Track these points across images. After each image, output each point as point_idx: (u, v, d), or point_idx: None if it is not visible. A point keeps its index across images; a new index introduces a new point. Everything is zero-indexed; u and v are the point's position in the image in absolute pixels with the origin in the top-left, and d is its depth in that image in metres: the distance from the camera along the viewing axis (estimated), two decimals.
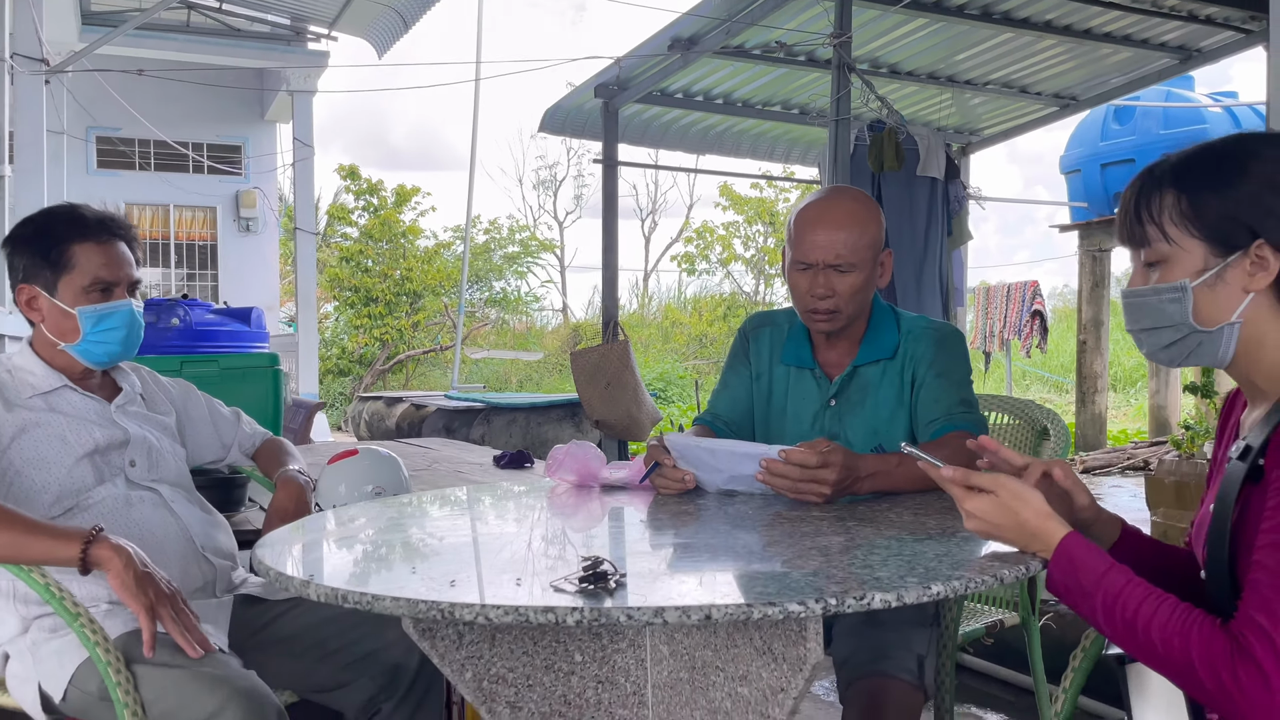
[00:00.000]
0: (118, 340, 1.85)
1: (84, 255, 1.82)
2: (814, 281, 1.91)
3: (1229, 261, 1.16)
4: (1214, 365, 1.23)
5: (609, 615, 1.06)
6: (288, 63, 10.54)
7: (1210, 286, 1.17)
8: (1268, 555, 1.07)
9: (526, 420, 7.91)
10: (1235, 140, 1.20)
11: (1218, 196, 1.16)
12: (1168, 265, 1.19)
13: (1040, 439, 2.36)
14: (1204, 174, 1.18)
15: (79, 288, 1.81)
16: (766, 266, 19.37)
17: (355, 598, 1.14)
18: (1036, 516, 1.21)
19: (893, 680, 1.72)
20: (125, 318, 1.85)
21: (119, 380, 1.96)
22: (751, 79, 6.28)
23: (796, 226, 1.95)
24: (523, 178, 27.81)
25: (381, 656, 1.79)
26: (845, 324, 1.95)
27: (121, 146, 12.33)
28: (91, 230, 1.83)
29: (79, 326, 1.82)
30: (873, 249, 1.92)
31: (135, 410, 1.94)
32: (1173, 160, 1.21)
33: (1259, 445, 1.13)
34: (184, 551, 1.82)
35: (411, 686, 1.81)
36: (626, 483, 1.90)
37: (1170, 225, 1.19)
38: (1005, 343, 8.81)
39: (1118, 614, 1.13)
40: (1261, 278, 1.16)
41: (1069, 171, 8.19)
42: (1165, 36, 5.68)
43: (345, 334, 16.80)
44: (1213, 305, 1.18)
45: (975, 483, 1.25)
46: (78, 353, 1.84)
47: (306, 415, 6.32)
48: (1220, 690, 1.05)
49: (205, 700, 1.50)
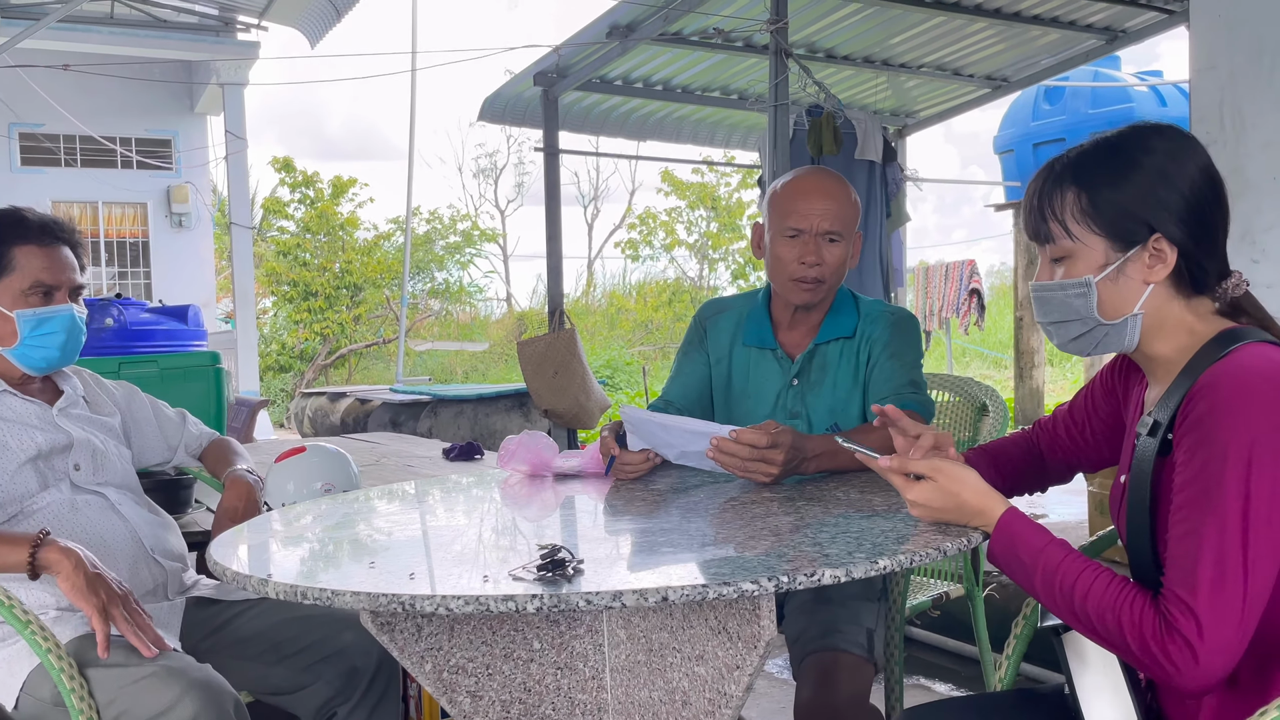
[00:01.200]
0: (56, 345, 1.82)
1: (25, 257, 1.79)
2: (805, 249, 1.94)
3: (1129, 256, 1.22)
4: (1120, 352, 1.30)
5: (568, 601, 1.08)
6: (217, 54, 10.31)
7: (1113, 281, 1.23)
8: (1182, 528, 1.12)
9: (474, 411, 7.87)
10: (1129, 133, 1.25)
11: (1115, 192, 1.21)
12: (1072, 261, 1.24)
13: (980, 414, 2.43)
14: (1100, 170, 1.23)
15: (18, 290, 1.78)
16: (710, 251, 19.44)
17: (315, 593, 1.14)
18: (975, 495, 1.26)
19: (843, 654, 1.76)
20: (65, 322, 1.82)
21: (60, 383, 1.92)
22: (690, 65, 6.30)
23: (787, 196, 1.98)
24: (462, 167, 27.62)
25: (338, 659, 1.79)
26: (824, 296, 2.00)
27: (46, 143, 11.96)
28: (34, 233, 1.80)
29: (16, 330, 1.78)
30: (854, 224, 2.00)
31: (78, 413, 1.91)
32: (1071, 156, 1.26)
33: (1166, 420, 1.19)
34: (133, 554, 1.80)
35: (368, 689, 1.81)
36: (580, 471, 1.92)
37: (1072, 222, 1.24)
38: (944, 321, 8.98)
39: (1056, 587, 1.18)
40: (1160, 270, 1.21)
41: (1002, 152, 8.35)
42: (1092, 18, 5.81)
43: (285, 329, 16.53)
44: (1116, 298, 1.23)
45: (913, 469, 1.30)
46: (14, 357, 1.81)
47: (249, 413, 6.23)
48: (1153, 662, 1.11)
49: (161, 694, 1.49)
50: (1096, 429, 1.44)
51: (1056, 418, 1.50)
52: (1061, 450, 1.49)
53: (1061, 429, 1.49)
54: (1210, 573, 1.08)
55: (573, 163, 20.49)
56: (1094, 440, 1.45)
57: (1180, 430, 1.17)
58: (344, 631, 1.80)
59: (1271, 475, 1.09)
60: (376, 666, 1.81)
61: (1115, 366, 1.42)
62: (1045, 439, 1.51)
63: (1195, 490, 1.12)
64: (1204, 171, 1.22)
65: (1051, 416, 1.51)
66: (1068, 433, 1.48)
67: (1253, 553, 1.08)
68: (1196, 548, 1.10)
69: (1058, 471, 1.52)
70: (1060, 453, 1.50)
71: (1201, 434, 1.13)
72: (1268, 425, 1.10)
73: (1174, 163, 1.21)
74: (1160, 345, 1.25)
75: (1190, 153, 1.22)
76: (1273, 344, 1.19)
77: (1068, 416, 1.48)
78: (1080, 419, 1.46)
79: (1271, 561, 1.09)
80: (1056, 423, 1.50)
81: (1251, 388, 1.12)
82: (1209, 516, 1.10)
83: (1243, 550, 1.08)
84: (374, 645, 1.80)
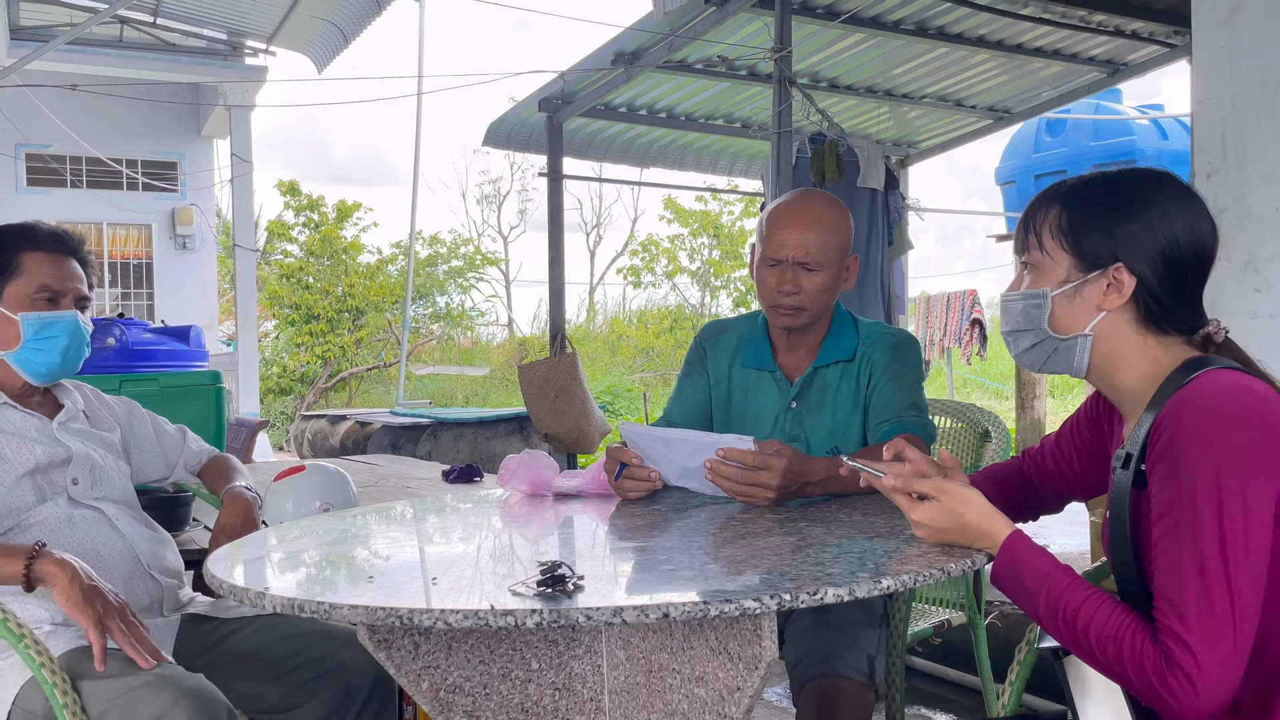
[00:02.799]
0: (58, 350, 1.81)
1: (32, 263, 1.80)
2: (782, 278, 1.95)
3: (1088, 278, 1.25)
4: (1071, 373, 1.31)
5: (568, 616, 1.07)
6: (225, 78, 10.39)
7: (1068, 298, 1.26)
8: (1164, 559, 1.12)
9: (474, 435, 7.85)
10: (1129, 170, 1.29)
11: (1091, 217, 1.25)
12: (1037, 272, 1.29)
13: (983, 441, 2.42)
14: (1091, 198, 1.27)
15: (24, 295, 1.79)
16: (712, 279, 19.49)
17: (312, 606, 1.13)
18: (980, 516, 1.26)
19: (844, 680, 1.74)
20: (69, 328, 1.82)
21: (60, 397, 1.92)
22: (694, 93, 6.34)
23: (768, 224, 1.99)
24: (466, 192, 27.76)
25: (333, 677, 1.77)
26: (808, 322, 1.99)
27: (53, 164, 12.03)
28: (43, 242, 1.82)
29: (20, 333, 1.78)
30: (840, 251, 1.97)
31: (78, 427, 1.90)
32: (1071, 182, 1.31)
33: (1137, 452, 1.20)
34: (129, 570, 1.79)
35: (363, 707, 1.79)
36: (580, 491, 1.91)
37: (1047, 236, 1.28)
38: (946, 350, 8.97)
39: (1059, 613, 1.17)
40: (1114, 298, 1.24)
41: (1004, 183, 8.37)
42: (1093, 51, 5.86)
43: (286, 352, 16.54)
44: (1068, 315, 1.27)
45: (917, 489, 1.29)
46: (16, 362, 1.80)
47: (249, 434, 6.21)
48: (1154, 694, 1.11)
49: (153, 702, 1.48)
50: (1084, 460, 1.45)
51: (1044, 448, 1.51)
52: (1050, 480, 1.50)
53: (1049, 460, 1.49)
54: (1196, 603, 1.08)
55: (576, 189, 20.63)
56: (1081, 471, 1.46)
57: (1150, 460, 1.18)
58: (340, 649, 1.78)
59: (1241, 496, 1.09)
60: (372, 685, 1.79)
61: (1098, 399, 1.42)
62: (1034, 469, 1.52)
63: (1170, 520, 1.13)
64: (1191, 229, 1.24)
65: (1039, 446, 1.52)
66: (1054, 463, 1.49)
67: (1235, 576, 1.08)
68: (1179, 579, 1.10)
69: (1049, 500, 1.53)
70: (1049, 482, 1.50)
71: (1169, 463, 1.14)
72: (1231, 448, 1.11)
73: (1158, 209, 1.24)
74: (1122, 376, 1.27)
75: (1184, 206, 1.25)
76: (1235, 369, 1.19)
77: (1054, 447, 1.49)
78: (1066, 450, 1.47)
79: (1255, 580, 1.09)
80: (1044, 453, 1.50)
81: (1212, 412, 1.13)
82: (1186, 545, 1.10)
83: (1225, 576, 1.08)
84: (370, 664, 1.78)
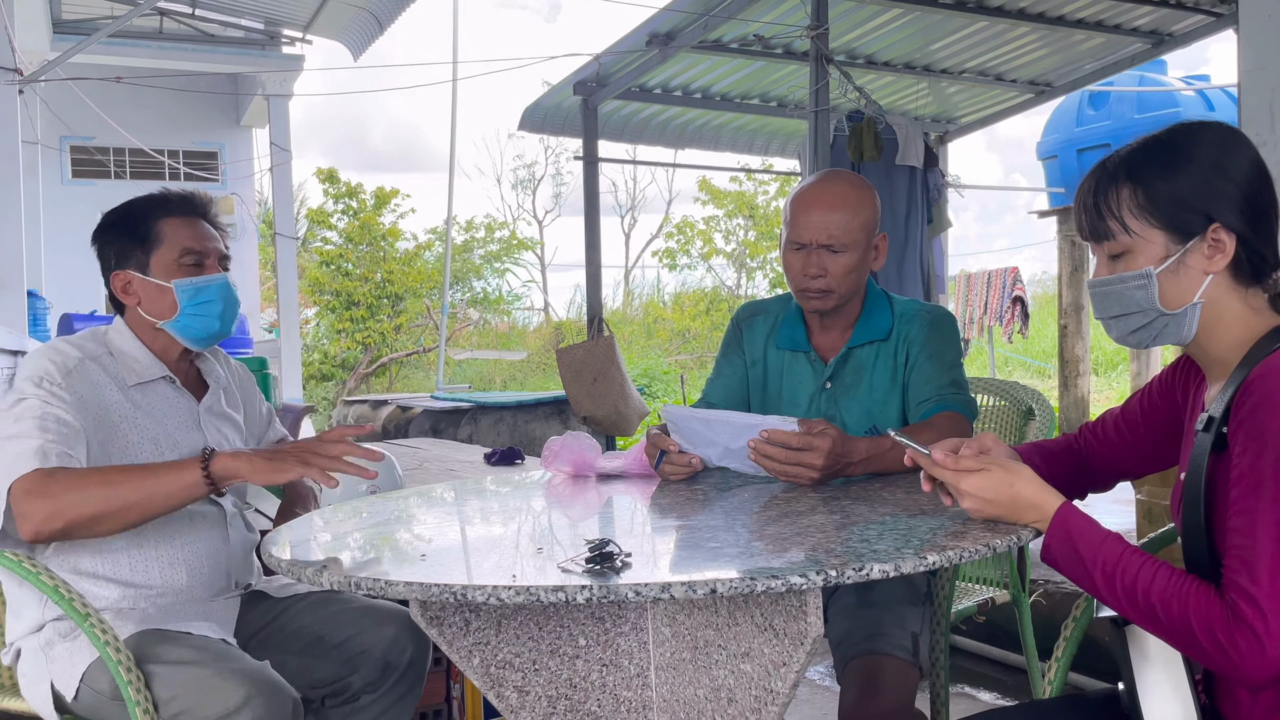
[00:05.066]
0: (215, 314, 1.84)
1: (170, 229, 1.83)
2: (807, 261, 1.94)
3: (1188, 247, 1.23)
4: (1178, 344, 1.30)
5: (617, 592, 1.09)
6: (263, 67, 10.48)
7: (1173, 272, 1.24)
8: (1241, 520, 1.12)
9: (514, 418, 7.92)
10: (1177, 129, 1.27)
11: (1170, 185, 1.23)
12: (1131, 255, 1.26)
13: (1026, 419, 2.40)
14: (1154, 165, 1.25)
15: (170, 261, 1.82)
16: (747, 260, 19.42)
17: (368, 583, 1.16)
18: (1031, 488, 1.26)
19: (888, 658, 1.75)
20: (221, 290, 1.85)
21: (205, 372, 1.95)
22: (729, 73, 6.31)
23: (792, 208, 1.98)
24: (501, 177, 27.84)
25: (375, 653, 1.81)
26: (837, 304, 1.98)
27: (96, 155, 12.23)
28: (175, 206, 1.85)
29: (176, 301, 1.81)
30: (866, 231, 1.96)
31: (218, 410, 1.93)
32: (1123, 154, 1.28)
33: (1220, 415, 1.19)
34: (212, 574, 1.84)
35: (395, 684, 1.83)
36: (623, 471, 1.93)
37: (1130, 218, 1.25)
38: (987, 329, 8.89)
39: (1118, 581, 1.17)
40: (1219, 259, 1.22)
41: (1046, 158, 8.26)
42: (1137, 21, 5.74)
43: (327, 339, 16.73)
44: (1176, 289, 1.24)
45: (966, 465, 1.29)
46: (176, 329, 1.83)
47: (295, 419, 6.31)
48: (1220, 653, 1.10)
49: (229, 695, 1.51)
50: (1150, 430, 1.44)
51: (1106, 420, 1.49)
52: (1111, 452, 1.48)
53: (1112, 430, 1.48)
54: (1270, 563, 1.08)
55: (611, 172, 20.62)
56: (1146, 441, 1.44)
57: (1234, 424, 1.17)
58: (384, 625, 1.83)
59: None
60: (409, 662, 1.83)
61: (1177, 367, 1.41)
62: (1094, 442, 1.50)
63: (1250, 483, 1.12)
64: (1254, 163, 1.24)
65: (1100, 419, 1.50)
66: (1118, 433, 1.47)
67: None
68: (1254, 539, 1.10)
69: (1103, 476, 1.51)
70: (1109, 455, 1.49)
71: (1254, 427, 1.13)
72: None
73: (1225, 154, 1.23)
74: (1218, 338, 1.25)
75: (1239, 145, 1.25)
76: None
77: (1119, 418, 1.48)
78: (1134, 419, 1.45)
79: None
80: (1106, 425, 1.49)
81: None
82: (1265, 507, 1.10)
83: None
84: (409, 641, 1.83)
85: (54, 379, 1.69)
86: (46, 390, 1.67)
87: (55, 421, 1.63)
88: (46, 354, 1.73)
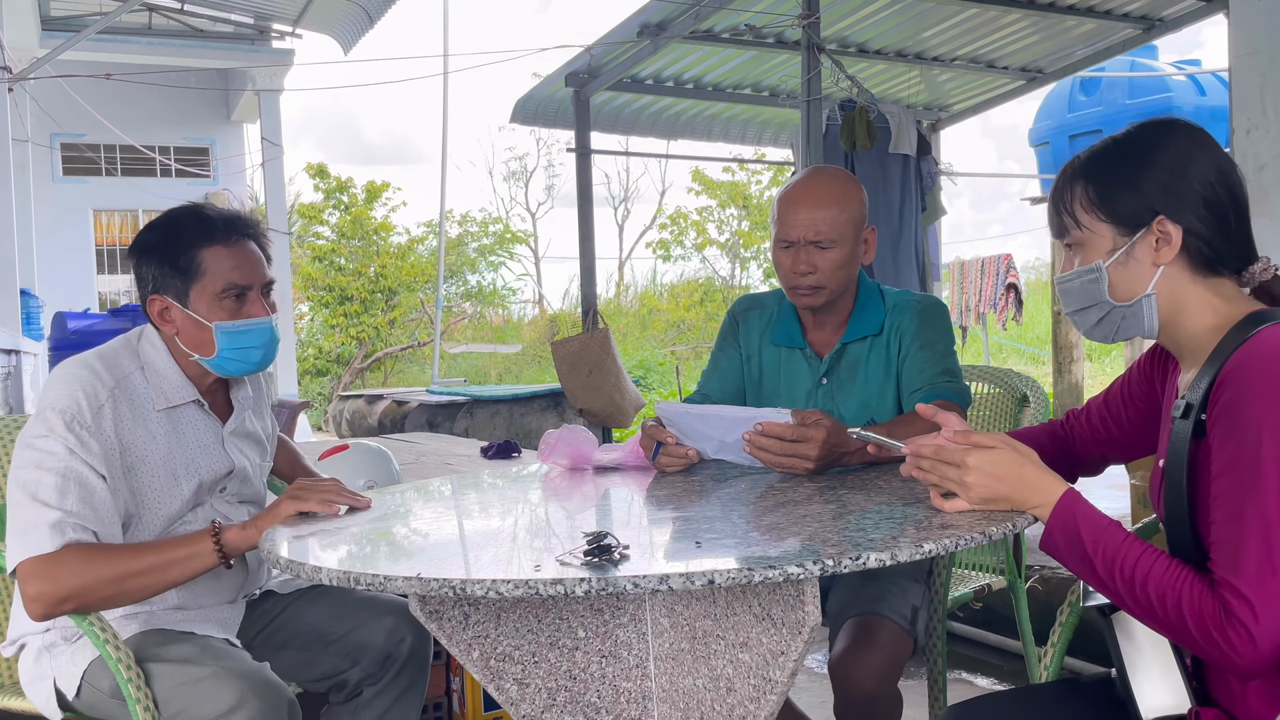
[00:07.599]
0: (254, 360, 1.77)
1: (213, 260, 1.71)
2: (796, 259, 1.95)
3: (1135, 239, 1.25)
4: (1144, 336, 1.31)
5: (616, 584, 1.09)
6: (253, 62, 10.45)
7: (1122, 264, 1.26)
8: (1224, 513, 1.13)
9: (510, 412, 7.92)
10: (1135, 129, 1.30)
11: (1116, 180, 1.26)
12: (1084, 249, 1.29)
13: (1020, 406, 2.42)
14: (1109, 163, 1.28)
15: (211, 295, 1.71)
16: (741, 250, 19.42)
17: (367, 579, 1.17)
18: (1037, 470, 1.26)
19: (886, 620, 1.76)
20: (264, 335, 1.76)
21: (233, 392, 1.88)
22: (721, 63, 6.30)
23: (779, 206, 1.99)
24: (493, 170, 27.81)
25: (375, 646, 1.82)
26: (829, 299, 1.98)
27: (87, 152, 12.19)
28: (220, 232, 1.72)
29: (215, 341, 1.73)
30: (854, 225, 1.96)
31: (243, 432, 1.88)
32: (1084, 155, 1.31)
33: (1198, 402, 1.20)
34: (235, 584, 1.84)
35: (396, 676, 1.84)
36: (620, 464, 1.93)
37: (1081, 213, 1.29)
38: (981, 316, 8.91)
39: (1117, 570, 1.18)
40: (1166, 251, 1.24)
41: (1038, 144, 8.26)
42: (1128, 6, 5.74)
43: (321, 334, 16.72)
44: (1126, 281, 1.27)
45: (975, 440, 1.30)
46: (212, 366, 1.76)
47: (290, 415, 6.31)
48: (1212, 646, 1.11)
49: (224, 695, 1.52)
50: (1132, 417, 1.45)
51: (1090, 407, 1.51)
52: (1095, 438, 1.50)
53: (1096, 417, 1.50)
54: (1256, 556, 1.09)
55: (603, 163, 20.59)
56: (1129, 427, 1.46)
57: (1212, 414, 1.18)
58: (384, 618, 1.83)
59: None
60: (409, 654, 1.84)
61: (1154, 354, 1.43)
62: (1078, 429, 1.52)
63: (1232, 476, 1.13)
64: (1210, 159, 1.25)
65: (1084, 407, 1.53)
66: (1102, 420, 1.49)
67: None
68: (1240, 533, 1.11)
69: (1089, 462, 1.53)
70: (1094, 441, 1.51)
71: (1233, 419, 1.14)
72: None
73: (1176, 151, 1.25)
74: (1183, 327, 1.27)
75: (1195, 143, 1.26)
76: None
77: (1102, 405, 1.49)
78: (1115, 407, 1.47)
79: None
80: (1090, 412, 1.51)
81: (1276, 368, 1.13)
82: (1249, 500, 1.11)
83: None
84: (409, 634, 1.84)
85: (84, 420, 1.61)
86: (75, 437, 1.59)
87: (77, 484, 1.57)
88: (80, 382, 1.65)
